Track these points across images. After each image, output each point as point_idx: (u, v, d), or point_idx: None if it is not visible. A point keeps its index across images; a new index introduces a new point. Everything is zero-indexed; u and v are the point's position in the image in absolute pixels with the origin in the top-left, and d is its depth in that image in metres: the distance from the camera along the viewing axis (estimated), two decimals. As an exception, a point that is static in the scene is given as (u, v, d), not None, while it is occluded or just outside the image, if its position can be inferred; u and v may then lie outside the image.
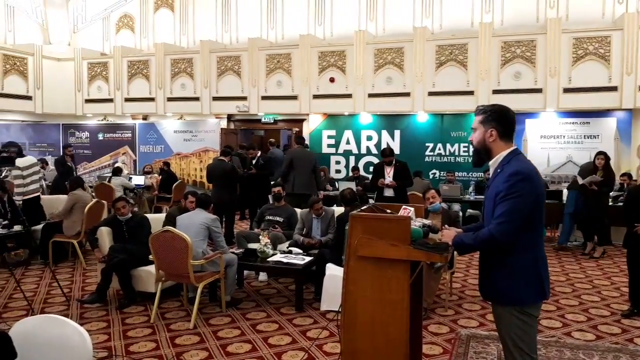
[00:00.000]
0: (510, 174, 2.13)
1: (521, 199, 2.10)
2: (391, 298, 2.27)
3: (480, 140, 2.28)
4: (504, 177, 2.14)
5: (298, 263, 4.65)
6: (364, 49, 9.43)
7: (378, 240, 2.25)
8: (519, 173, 2.12)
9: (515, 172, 2.13)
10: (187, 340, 3.92)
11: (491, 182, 2.27)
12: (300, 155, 7.33)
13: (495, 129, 2.24)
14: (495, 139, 2.25)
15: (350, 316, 2.36)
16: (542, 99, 8.46)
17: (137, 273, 4.77)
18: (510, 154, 2.23)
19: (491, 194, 2.22)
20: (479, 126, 2.29)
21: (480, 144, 2.28)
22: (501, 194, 2.13)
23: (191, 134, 11.71)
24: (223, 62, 10.67)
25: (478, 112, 2.30)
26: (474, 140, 2.31)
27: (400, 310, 2.26)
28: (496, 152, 2.26)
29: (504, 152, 2.25)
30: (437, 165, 9.82)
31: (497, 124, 2.24)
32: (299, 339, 3.92)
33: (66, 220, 6.18)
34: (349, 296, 2.35)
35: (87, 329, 4.14)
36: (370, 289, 2.31)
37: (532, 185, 2.13)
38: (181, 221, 4.62)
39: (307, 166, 7.17)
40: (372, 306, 2.31)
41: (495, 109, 2.28)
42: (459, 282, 5.48)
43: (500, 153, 2.25)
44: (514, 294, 2.18)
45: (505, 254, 2.17)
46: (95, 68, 12.09)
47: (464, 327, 4.16)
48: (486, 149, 2.27)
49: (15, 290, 5.20)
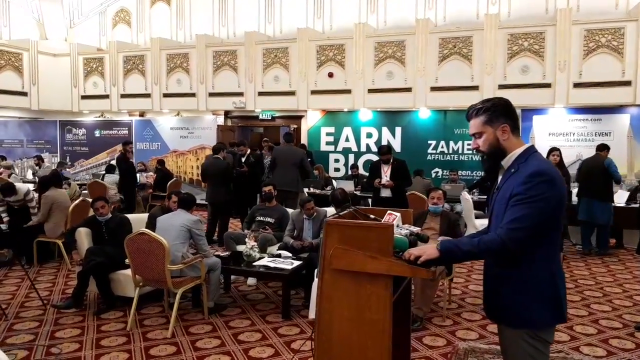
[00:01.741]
0: (530, 174, 1.80)
1: (542, 203, 1.78)
2: (371, 317, 1.96)
3: (492, 142, 1.94)
4: (521, 178, 1.82)
5: (285, 268, 4.35)
6: (364, 42, 9.11)
7: (355, 251, 1.94)
8: (541, 174, 1.80)
9: (536, 172, 1.81)
10: (163, 350, 3.64)
11: (503, 182, 1.94)
12: (284, 152, 7.27)
13: (507, 124, 1.91)
14: (508, 136, 1.92)
15: (325, 337, 2.05)
16: (551, 94, 8.10)
17: (116, 277, 4.50)
18: (526, 151, 1.91)
19: (503, 196, 1.89)
20: (485, 128, 1.94)
21: (493, 146, 1.94)
22: (517, 197, 1.81)
23: (187, 131, 11.44)
24: (219, 57, 10.39)
25: (478, 112, 1.95)
26: (483, 146, 1.95)
27: (380, 331, 1.95)
28: (510, 150, 1.93)
29: (518, 150, 1.92)
30: (439, 164, 9.48)
31: (507, 119, 1.92)
32: (282, 351, 3.62)
33: (47, 223, 5.90)
34: (323, 314, 2.04)
35: (60, 336, 3.92)
36: (346, 307, 1.99)
37: (554, 189, 1.81)
38: (161, 223, 4.33)
39: (291, 163, 7.06)
40: (349, 326, 1.99)
41: (499, 102, 1.95)
42: (459, 289, 5.13)
43: (515, 151, 1.92)
44: (525, 315, 1.85)
45: (516, 266, 1.84)
46: (91, 64, 11.86)
47: (463, 339, 3.83)
48: (501, 149, 1.93)
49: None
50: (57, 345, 3.72)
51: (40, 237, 5.96)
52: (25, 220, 6.25)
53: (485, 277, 2.02)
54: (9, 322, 4.19)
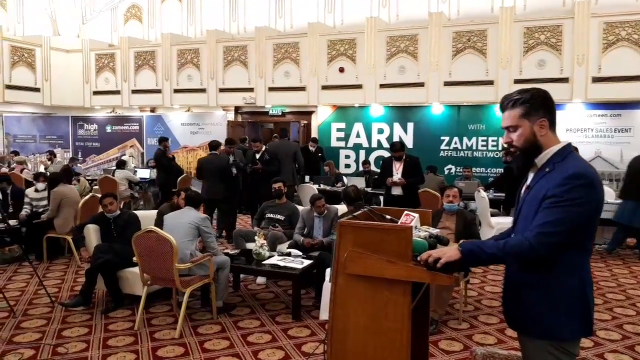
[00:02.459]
0: (568, 176, 1.66)
1: (578, 208, 1.63)
2: (388, 326, 1.84)
3: (528, 137, 1.77)
4: (558, 179, 1.67)
5: (296, 267, 4.24)
6: (376, 36, 8.94)
7: (372, 255, 1.81)
8: (580, 176, 1.65)
9: (575, 174, 1.66)
10: (170, 351, 3.55)
11: (535, 182, 1.79)
12: (281, 146, 7.72)
13: (545, 119, 1.76)
14: (546, 132, 1.76)
15: (339, 345, 1.93)
16: (569, 89, 7.88)
17: (124, 275, 4.42)
18: (564, 149, 1.75)
19: (535, 197, 1.74)
20: (521, 121, 1.77)
21: (529, 141, 1.77)
22: (552, 199, 1.66)
23: (198, 126, 11.39)
24: (230, 53, 10.29)
25: (514, 103, 1.78)
26: (518, 140, 1.78)
27: (399, 341, 1.82)
28: (546, 147, 1.77)
29: (555, 147, 1.76)
30: (452, 160, 9.30)
31: (546, 112, 1.76)
32: (292, 354, 3.51)
33: (56, 219, 5.86)
34: (337, 322, 1.92)
35: (67, 335, 3.86)
36: (362, 314, 1.87)
37: (593, 194, 1.67)
38: (168, 220, 4.24)
39: (288, 157, 7.52)
40: (365, 335, 1.87)
41: (537, 93, 1.78)
42: (475, 290, 4.97)
43: (551, 148, 1.76)
44: (551, 326, 1.71)
45: (544, 273, 1.71)
46: (103, 59, 11.85)
47: (480, 344, 3.69)
48: (537, 146, 1.77)
49: (4, 288, 4.94)
50: (64, 345, 3.65)
51: (50, 233, 5.93)
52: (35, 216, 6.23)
53: (507, 283, 1.89)
54: (17, 320, 4.14)
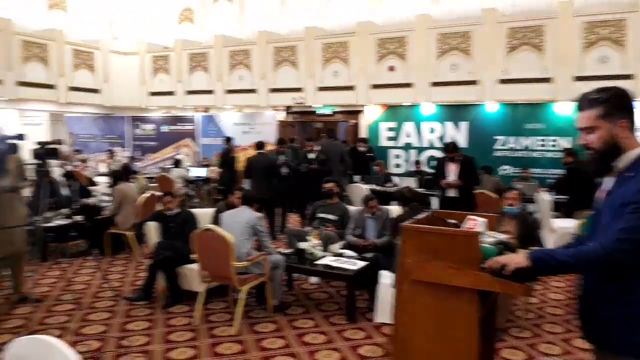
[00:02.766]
0: None
1: None
2: (455, 335, 1.80)
3: (607, 139, 1.69)
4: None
5: (350, 268, 4.24)
6: (426, 34, 8.78)
7: (437, 262, 1.79)
8: None
9: None
10: (228, 349, 3.65)
11: (615, 187, 1.70)
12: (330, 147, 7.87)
13: (627, 120, 1.67)
14: (628, 134, 1.68)
15: (402, 354, 1.92)
16: (634, 86, 7.40)
17: (183, 271, 4.58)
18: None
19: (615, 203, 1.65)
20: (599, 122, 1.68)
21: (608, 143, 1.69)
22: (634, 205, 1.57)
23: (249, 126, 11.61)
24: (279, 53, 10.41)
25: (592, 103, 1.69)
26: (596, 142, 1.70)
27: (466, 351, 1.79)
28: (627, 149, 1.68)
29: (637, 150, 1.67)
30: (508, 161, 8.97)
31: (627, 113, 1.68)
32: (348, 357, 3.51)
33: (117, 215, 6.16)
34: (402, 329, 1.91)
35: (131, 328, 4.05)
36: (428, 323, 1.85)
37: None
38: (224, 219, 4.35)
39: (336, 158, 7.72)
40: (431, 344, 1.85)
41: (617, 92, 1.69)
42: (537, 297, 4.75)
43: (633, 150, 1.67)
44: (634, 341, 1.61)
45: (624, 283, 1.62)
46: (158, 61, 12.30)
47: (545, 354, 3.53)
48: (617, 148, 1.69)
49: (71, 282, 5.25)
50: (128, 338, 3.83)
51: (112, 229, 6.23)
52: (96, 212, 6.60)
53: (582, 294, 1.79)
54: (84, 312, 4.38)
